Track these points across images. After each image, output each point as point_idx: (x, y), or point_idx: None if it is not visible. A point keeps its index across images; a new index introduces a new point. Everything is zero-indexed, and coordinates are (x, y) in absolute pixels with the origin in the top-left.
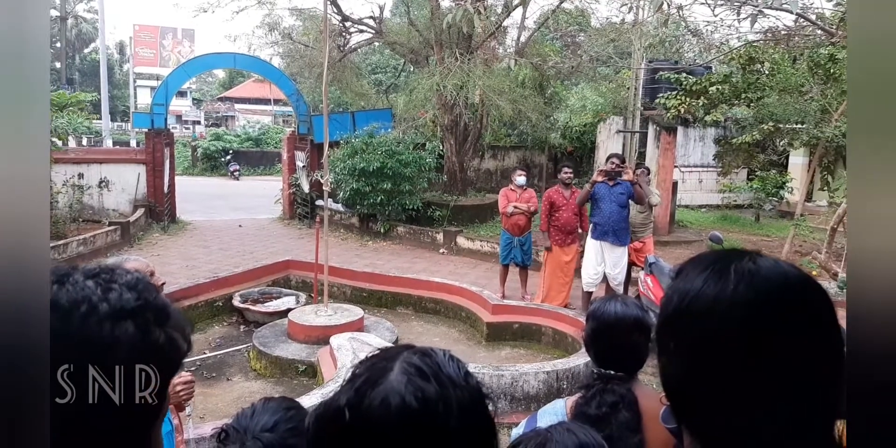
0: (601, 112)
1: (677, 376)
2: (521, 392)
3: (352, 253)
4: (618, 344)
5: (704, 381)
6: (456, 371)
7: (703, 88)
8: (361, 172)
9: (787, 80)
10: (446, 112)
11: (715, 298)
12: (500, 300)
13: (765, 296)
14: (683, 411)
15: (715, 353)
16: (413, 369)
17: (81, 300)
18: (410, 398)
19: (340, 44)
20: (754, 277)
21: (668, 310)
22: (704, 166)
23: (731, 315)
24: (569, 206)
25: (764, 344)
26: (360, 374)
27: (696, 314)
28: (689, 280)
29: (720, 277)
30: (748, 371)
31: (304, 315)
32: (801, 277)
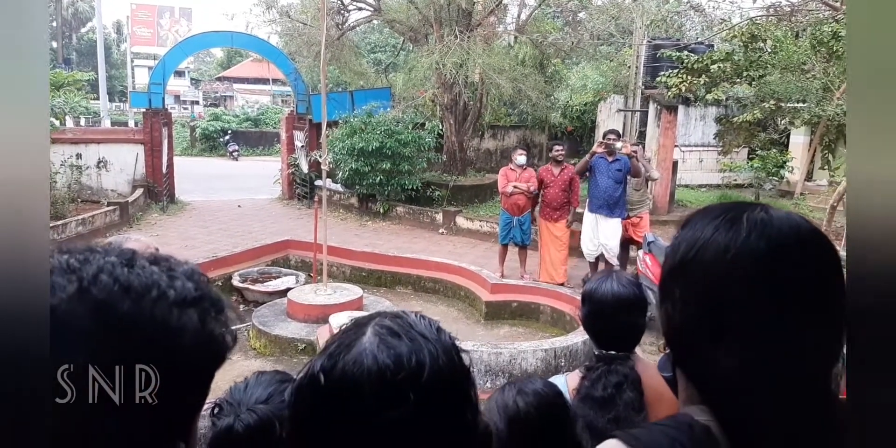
0: (602, 91)
1: (681, 324)
2: (520, 370)
3: (351, 233)
4: (617, 324)
5: (710, 328)
6: (427, 328)
7: (705, 67)
8: (360, 152)
9: (789, 58)
10: (446, 91)
11: (726, 247)
12: (499, 279)
13: (776, 245)
14: (684, 359)
15: (723, 300)
16: (385, 330)
17: (152, 285)
18: (383, 356)
19: (339, 22)
20: (766, 227)
21: (676, 258)
22: (705, 145)
23: (741, 264)
24: (557, 182)
25: (772, 293)
26: (335, 341)
27: (705, 262)
28: (698, 229)
29: (732, 226)
30: (754, 319)
31: (303, 294)
32: (811, 230)
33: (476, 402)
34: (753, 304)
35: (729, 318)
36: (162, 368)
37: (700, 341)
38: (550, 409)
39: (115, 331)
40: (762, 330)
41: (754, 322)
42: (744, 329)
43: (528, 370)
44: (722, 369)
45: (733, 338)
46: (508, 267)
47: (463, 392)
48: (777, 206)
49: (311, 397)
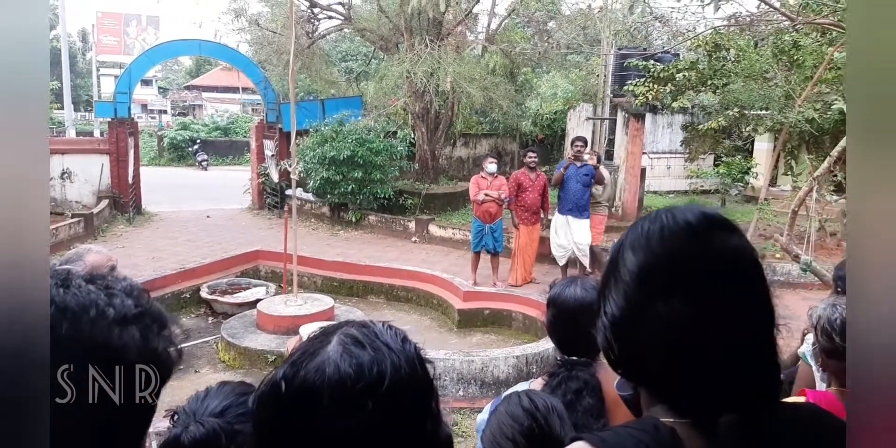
0: (571, 99)
1: (622, 310)
2: (492, 377)
3: (323, 242)
4: (579, 330)
5: (646, 304)
6: (393, 338)
7: (671, 75)
8: (331, 161)
9: (751, 67)
10: (417, 100)
11: (647, 235)
12: (472, 287)
13: (683, 220)
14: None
15: (651, 273)
16: (349, 339)
17: (89, 304)
18: (345, 366)
19: (309, 30)
20: (673, 210)
21: (611, 253)
22: (672, 152)
23: (657, 235)
24: (534, 187)
25: (691, 257)
26: (299, 349)
27: (630, 245)
28: (626, 232)
29: (648, 217)
30: (682, 284)
31: (273, 305)
32: (712, 210)
33: (438, 412)
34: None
35: (653, 305)
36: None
37: (638, 324)
38: None
39: (56, 352)
40: (689, 295)
41: (680, 288)
42: (668, 318)
43: (500, 377)
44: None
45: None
46: (481, 274)
47: (424, 402)
48: (741, 211)
49: (273, 405)
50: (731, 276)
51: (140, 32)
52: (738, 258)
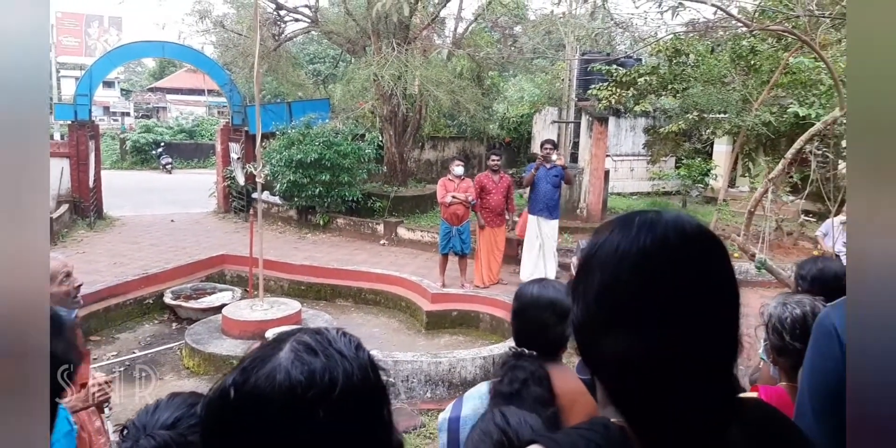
0: (537, 103)
1: (583, 320)
2: (459, 378)
3: (290, 246)
4: (531, 323)
5: (606, 324)
6: (346, 345)
7: (633, 80)
8: (299, 164)
9: (710, 72)
10: (385, 102)
11: (618, 245)
12: (440, 289)
13: (661, 240)
14: (588, 356)
15: (616, 296)
16: (302, 346)
17: None
18: (296, 373)
19: (275, 33)
20: (654, 226)
21: (581, 259)
22: (635, 155)
23: (630, 257)
24: (498, 189)
25: (662, 287)
26: (251, 355)
27: (601, 260)
28: (600, 232)
29: (625, 227)
30: (647, 312)
31: (238, 310)
32: (697, 227)
33: (390, 419)
34: (642, 297)
35: (621, 310)
36: None
37: (597, 335)
38: None
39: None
40: (651, 322)
41: (643, 314)
42: (634, 321)
43: (468, 378)
44: (617, 362)
45: (625, 330)
46: (449, 276)
47: (376, 410)
48: (701, 211)
49: (221, 411)
50: (701, 305)
51: (102, 33)
52: (713, 285)
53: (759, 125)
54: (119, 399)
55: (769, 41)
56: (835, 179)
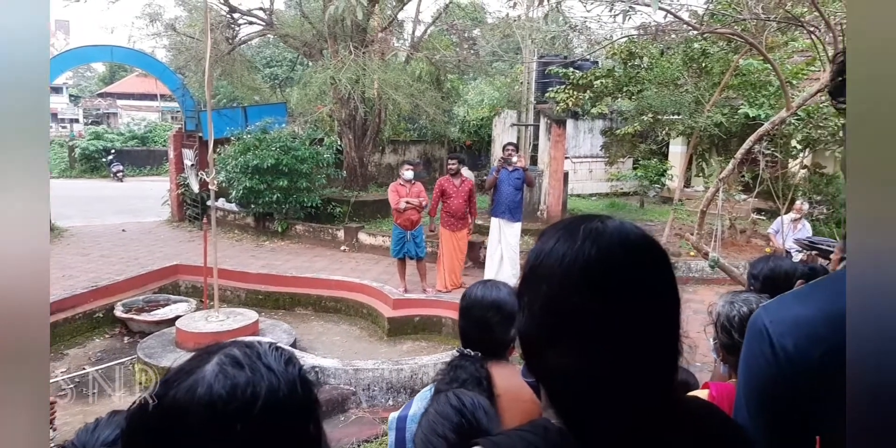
0: (497, 106)
1: (528, 329)
2: (421, 384)
3: (247, 254)
4: (475, 323)
5: (550, 331)
6: (276, 360)
7: (589, 82)
8: (255, 170)
9: (663, 74)
10: (343, 106)
11: (563, 254)
12: (402, 294)
13: (607, 252)
14: (532, 362)
15: (560, 304)
16: (229, 360)
17: None
18: (218, 386)
19: (229, 36)
20: (600, 236)
21: (526, 267)
22: (594, 157)
23: (575, 269)
24: (459, 193)
25: (603, 296)
26: (175, 368)
27: (546, 268)
28: (545, 240)
29: (570, 236)
30: (588, 322)
31: (193, 322)
32: (642, 236)
33: (318, 435)
34: (587, 308)
35: (565, 321)
36: None
37: (542, 344)
38: None
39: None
40: (596, 332)
41: (588, 325)
42: (579, 331)
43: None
44: (561, 371)
45: (570, 340)
46: (411, 281)
47: (300, 426)
48: (658, 211)
49: (141, 425)
50: (645, 314)
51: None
52: (656, 295)
53: (711, 126)
54: (69, 418)
55: (720, 44)
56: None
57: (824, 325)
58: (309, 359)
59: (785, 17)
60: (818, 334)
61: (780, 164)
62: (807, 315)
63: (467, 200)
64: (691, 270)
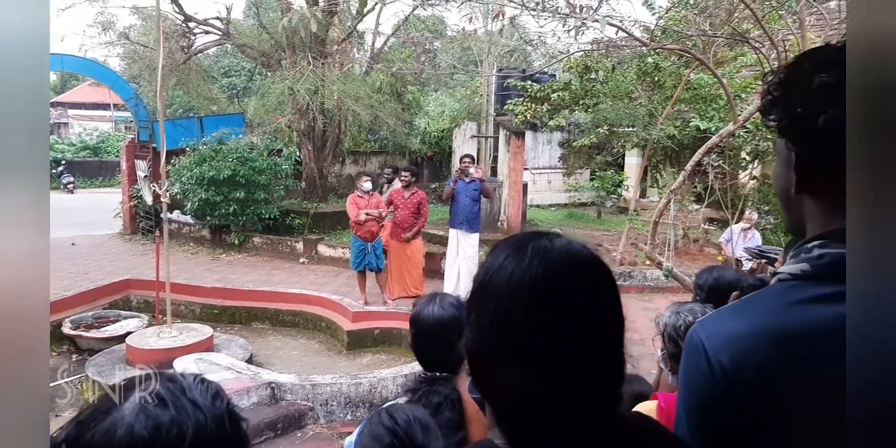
0: (457, 118)
1: (474, 345)
2: (381, 398)
3: (203, 267)
4: (437, 346)
5: (499, 351)
6: (202, 395)
7: (546, 95)
8: (211, 181)
9: (617, 87)
10: (302, 117)
11: (512, 271)
12: (362, 307)
13: (554, 270)
14: (478, 380)
15: (507, 322)
16: (150, 397)
17: None
18: (140, 427)
19: (184, 45)
20: (547, 253)
21: (475, 284)
22: (552, 168)
23: (522, 287)
24: (407, 205)
25: (550, 315)
26: (90, 406)
27: (494, 285)
28: (494, 256)
29: (518, 254)
30: (534, 340)
31: (144, 338)
32: (588, 256)
33: None
34: (533, 325)
35: (512, 338)
36: None
37: (489, 361)
38: None
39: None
40: (542, 350)
41: (534, 342)
42: (525, 349)
43: (389, 398)
44: (507, 388)
45: (517, 357)
46: (371, 293)
47: None
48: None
49: None
50: (591, 333)
51: None
52: (602, 313)
53: (664, 138)
54: None
55: (672, 59)
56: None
57: (757, 339)
58: (265, 374)
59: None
60: (752, 349)
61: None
62: (741, 330)
63: (415, 212)
64: (647, 279)
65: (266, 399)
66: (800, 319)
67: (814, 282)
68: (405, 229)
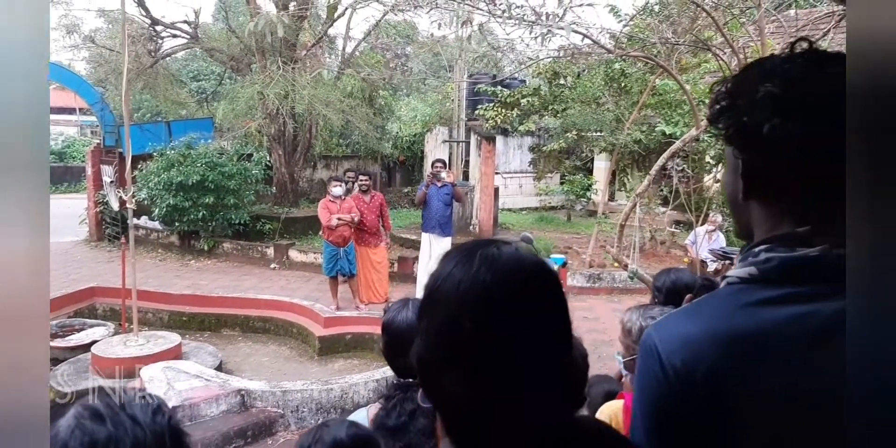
0: (429, 122)
1: (425, 353)
2: (352, 403)
3: (171, 274)
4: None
5: (448, 361)
6: (142, 410)
7: (516, 101)
8: (179, 186)
9: (585, 93)
10: (272, 121)
11: (460, 280)
12: (333, 312)
13: (501, 278)
14: (428, 389)
15: (456, 329)
16: (87, 412)
17: None
18: (75, 444)
19: (151, 49)
20: (494, 261)
21: (425, 293)
22: (523, 172)
23: (471, 295)
24: (370, 209)
25: (497, 323)
26: None
27: (443, 294)
28: (444, 264)
29: (467, 262)
30: (487, 350)
31: (110, 347)
32: (535, 263)
33: None
34: (481, 334)
35: (461, 346)
36: None
37: (439, 369)
38: None
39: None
40: (490, 360)
41: (483, 351)
42: (474, 357)
43: (361, 403)
44: (456, 398)
45: (466, 366)
46: (343, 298)
47: None
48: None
49: None
50: (538, 341)
51: None
52: (549, 321)
53: (631, 143)
54: None
55: (638, 65)
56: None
57: (708, 342)
58: (234, 382)
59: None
60: (702, 352)
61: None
62: (692, 333)
63: (379, 215)
64: (616, 281)
65: (236, 407)
66: (747, 322)
67: (761, 285)
68: (373, 234)
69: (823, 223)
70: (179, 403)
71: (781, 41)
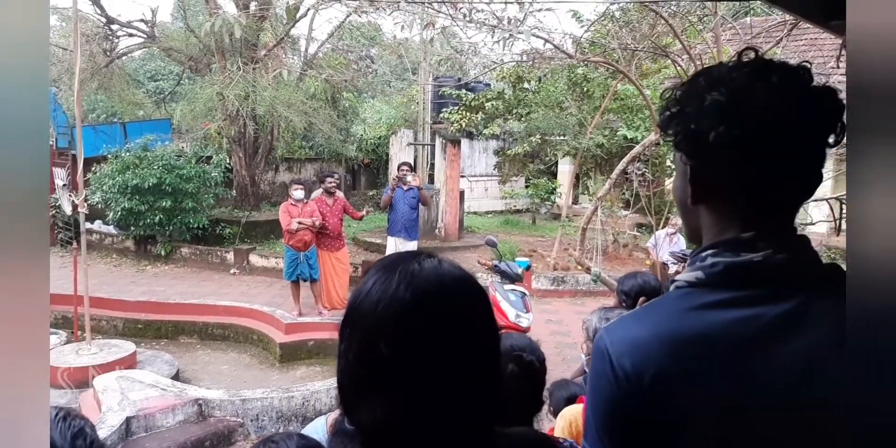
0: (394, 125)
1: (343, 377)
2: (314, 411)
3: (127, 280)
4: None
5: (367, 384)
6: (61, 434)
7: (481, 104)
8: (135, 189)
9: (549, 97)
10: (232, 123)
11: (378, 298)
12: (295, 318)
13: (420, 295)
14: (351, 417)
15: (375, 352)
16: None
17: None
18: None
19: (106, 48)
20: (414, 278)
21: (345, 312)
22: (489, 175)
23: (389, 314)
24: (333, 212)
25: (417, 340)
26: None
27: (363, 311)
28: (364, 282)
29: (386, 278)
30: (406, 371)
31: (62, 356)
32: (458, 277)
33: None
34: (400, 355)
35: (379, 370)
36: None
37: (359, 393)
38: None
39: None
40: (411, 381)
41: (402, 375)
42: (394, 380)
43: (323, 410)
44: (377, 423)
45: (387, 389)
46: (306, 304)
47: None
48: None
49: None
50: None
51: None
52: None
53: (594, 147)
54: None
55: (600, 70)
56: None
57: (655, 345)
58: (192, 391)
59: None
60: (650, 354)
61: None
62: (641, 336)
63: (342, 218)
64: (579, 283)
65: (193, 416)
66: (693, 325)
67: (707, 289)
68: (335, 237)
69: (767, 228)
70: (134, 414)
71: (737, 47)
